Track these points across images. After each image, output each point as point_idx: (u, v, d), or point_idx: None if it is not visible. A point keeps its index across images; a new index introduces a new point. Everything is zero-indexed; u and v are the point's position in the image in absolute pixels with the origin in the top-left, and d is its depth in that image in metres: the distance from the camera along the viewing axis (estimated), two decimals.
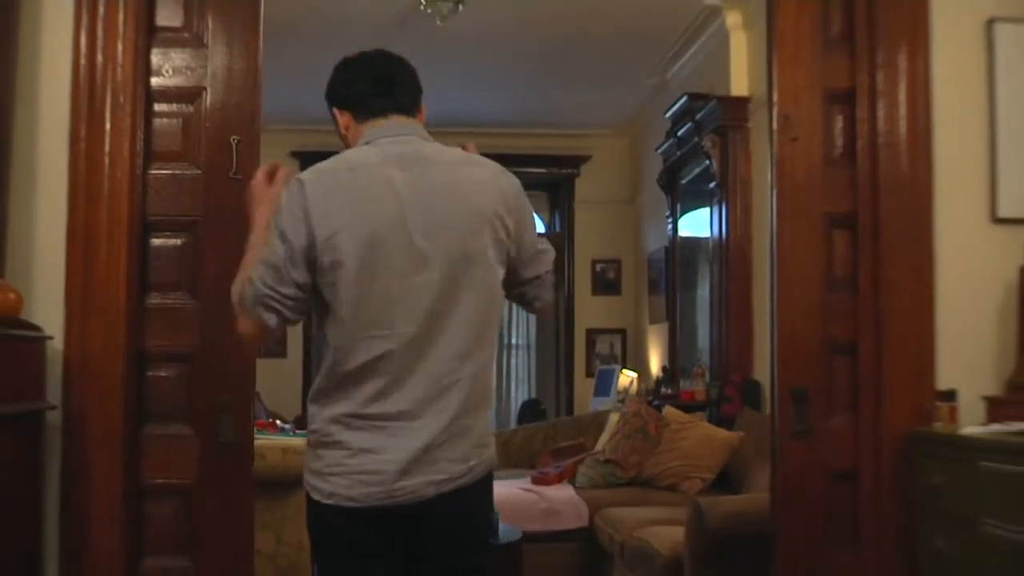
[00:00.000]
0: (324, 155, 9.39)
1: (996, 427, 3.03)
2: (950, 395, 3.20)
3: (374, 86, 2.56)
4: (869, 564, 3.29)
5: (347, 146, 2.60)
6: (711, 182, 6.94)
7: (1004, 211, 3.39)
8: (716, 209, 6.91)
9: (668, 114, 7.79)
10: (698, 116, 7.10)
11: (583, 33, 7.43)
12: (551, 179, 10.69)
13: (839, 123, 3.45)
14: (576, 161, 10.45)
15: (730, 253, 6.59)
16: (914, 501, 3.22)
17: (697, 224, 7.68)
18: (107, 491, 3.17)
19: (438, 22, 6.79)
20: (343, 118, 2.62)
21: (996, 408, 3.19)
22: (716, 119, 6.75)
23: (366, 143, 2.51)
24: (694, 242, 7.89)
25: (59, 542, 3.15)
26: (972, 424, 3.14)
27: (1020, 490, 2.71)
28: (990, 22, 3.41)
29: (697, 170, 7.44)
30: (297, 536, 4.25)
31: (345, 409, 2.37)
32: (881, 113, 3.37)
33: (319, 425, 2.40)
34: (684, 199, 8.14)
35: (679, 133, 7.65)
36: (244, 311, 2.38)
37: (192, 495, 3.26)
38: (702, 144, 7.03)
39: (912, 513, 3.23)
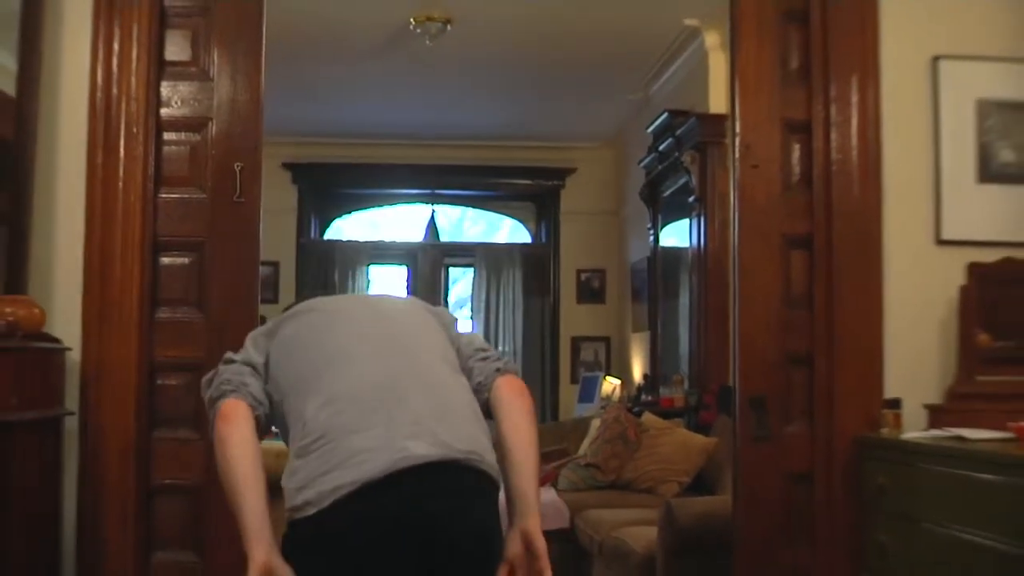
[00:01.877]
0: (316, 166, 9.74)
1: (935, 433, 3.27)
2: (895, 403, 3.43)
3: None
4: (822, 559, 3.52)
5: None
6: (691, 196, 7.11)
7: (947, 234, 3.61)
8: (695, 222, 7.09)
9: (650, 129, 8.00)
10: (678, 132, 7.30)
11: (569, 51, 7.62)
12: (537, 190, 10.89)
13: (796, 151, 3.66)
14: (562, 173, 10.65)
15: (708, 265, 6.77)
16: (862, 501, 3.45)
17: (680, 234, 7.83)
18: (120, 490, 3.37)
19: (427, 42, 7.04)
20: None
21: (936, 415, 3.42)
22: (695, 135, 6.94)
23: None
24: (675, 253, 8.03)
25: (76, 537, 3.34)
26: (915, 430, 3.36)
27: (953, 491, 2.95)
28: (935, 59, 3.65)
29: (677, 184, 7.61)
30: None
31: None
32: (835, 143, 3.59)
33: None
34: (665, 211, 8.30)
35: (660, 148, 7.86)
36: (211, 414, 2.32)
37: (199, 494, 3.45)
38: (682, 159, 7.22)
39: (860, 511, 3.45)
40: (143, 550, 3.42)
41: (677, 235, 7.97)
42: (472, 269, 10.84)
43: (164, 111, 3.53)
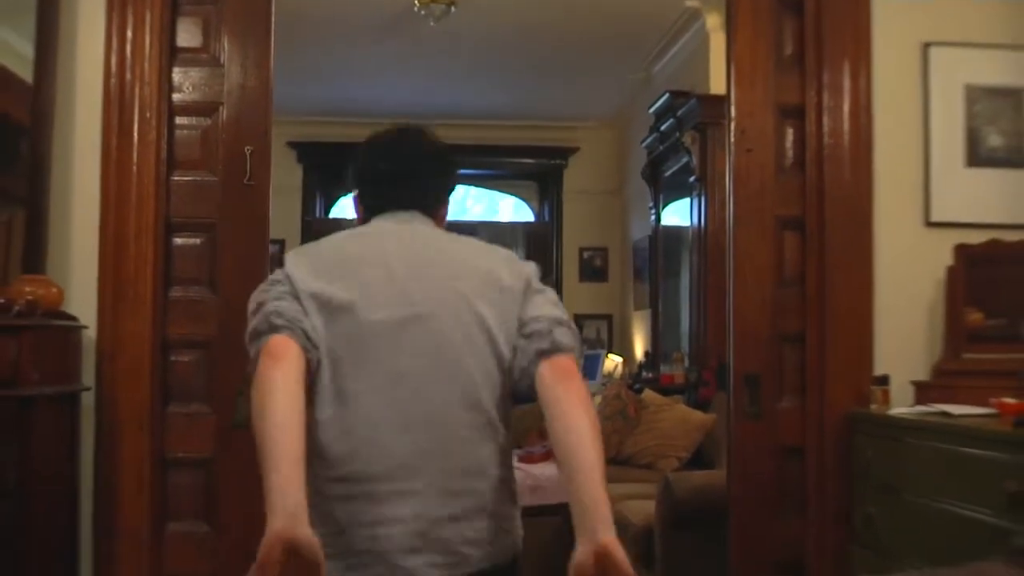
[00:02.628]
0: (321, 145, 9.78)
1: (921, 408, 3.37)
2: (884, 380, 3.53)
3: (391, 185, 2.30)
4: (812, 529, 3.64)
5: None
6: (691, 176, 7.17)
7: (936, 216, 3.72)
8: (695, 201, 7.15)
9: (651, 110, 8.03)
10: (679, 112, 7.35)
11: (571, 31, 7.67)
12: (540, 169, 10.94)
13: (790, 136, 3.77)
14: (565, 152, 10.70)
15: (708, 244, 6.83)
16: (852, 474, 3.56)
17: (681, 213, 7.88)
18: (135, 463, 3.47)
19: (431, 23, 7.11)
20: (359, 208, 2.37)
21: (923, 391, 3.53)
22: (696, 116, 6.99)
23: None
24: (676, 232, 8.08)
25: (93, 508, 3.45)
26: (902, 406, 3.47)
27: (935, 464, 3.07)
28: (926, 46, 3.74)
29: (678, 164, 7.67)
30: None
31: None
32: (827, 127, 3.69)
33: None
34: (666, 190, 8.35)
35: (662, 128, 7.91)
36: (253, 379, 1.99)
37: (210, 467, 3.57)
38: (682, 139, 7.28)
39: (850, 484, 3.57)
40: (158, 521, 3.53)
41: (678, 214, 8.03)
42: None
43: (176, 96, 3.62)
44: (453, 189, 2.40)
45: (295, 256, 2.18)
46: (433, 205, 2.32)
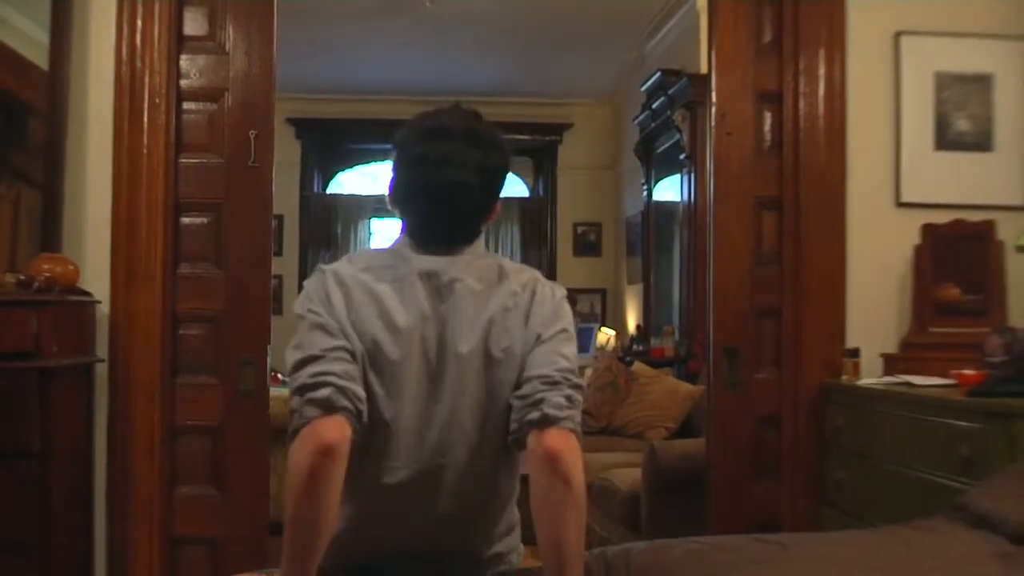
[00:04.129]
0: (318, 122, 9.86)
1: (888, 379, 3.57)
2: (855, 352, 3.72)
3: (429, 212, 2.12)
4: (787, 493, 3.85)
5: None
6: (682, 153, 7.29)
7: (906, 197, 3.90)
8: (686, 178, 7.29)
9: (644, 88, 8.14)
10: (671, 91, 7.47)
11: (566, 10, 7.79)
12: (535, 146, 11.02)
13: (768, 120, 3.93)
14: (559, 129, 10.80)
15: (698, 220, 6.91)
16: (824, 441, 3.77)
17: (672, 189, 7.98)
18: (146, 431, 3.64)
19: (427, 3, 7.25)
20: (393, 200, 2.19)
21: (891, 363, 3.73)
22: (687, 95, 7.09)
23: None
24: (668, 207, 8.20)
25: (107, 474, 3.63)
26: (871, 377, 3.66)
27: (899, 431, 3.27)
28: (897, 34, 3.91)
29: (670, 141, 7.78)
30: None
31: None
32: (803, 112, 3.86)
33: None
34: (658, 167, 8.49)
35: (654, 106, 8.01)
36: (295, 448, 1.88)
37: (217, 435, 3.75)
38: (673, 118, 7.41)
39: (822, 451, 3.77)
40: (168, 484, 3.72)
41: (670, 190, 8.14)
42: None
43: (183, 82, 3.77)
44: (502, 188, 2.21)
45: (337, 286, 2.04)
46: (477, 230, 2.16)
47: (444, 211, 2.10)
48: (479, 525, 2.09)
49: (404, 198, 2.14)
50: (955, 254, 3.79)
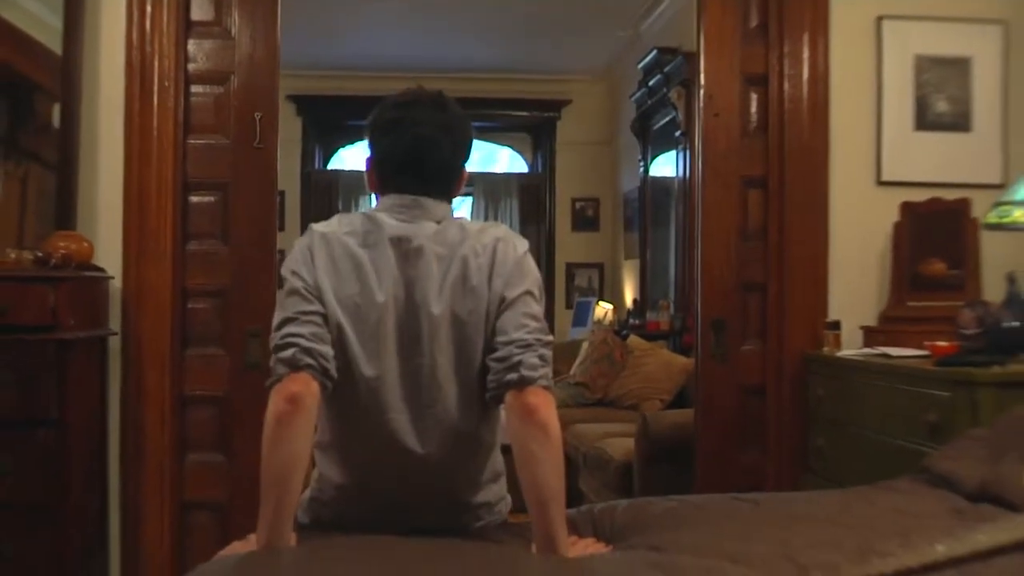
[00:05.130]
0: (319, 98, 9.91)
1: (866, 351, 3.72)
2: (836, 325, 3.87)
3: (402, 168, 2.28)
4: (771, 460, 4.01)
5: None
6: (677, 130, 7.42)
7: (886, 175, 4.05)
8: (681, 155, 7.41)
9: (640, 65, 8.25)
10: (666, 69, 7.58)
11: None
12: (534, 122, 11.12)
13: (754, 102, 4.07)
14: (557, 105, 10.85)
15: (692, 196, 7.10)
16: (805, 410, 3.92)
17: (669, 166, 8.10)
18: (157, 400, 3.79)
19: None
20: (371, 176, 2.37)
21: (870, 336, 3.87)
22: (682, 72, 7.19)
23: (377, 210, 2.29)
24: (664, 183, 8.33)
25: (120, 441, 3.78)
26: (852, 349, 3.81)
27: (875, 400, 3.43)
28: (879, 18, 4.05)
29: (666, 119, 7.92)
30: None
31: None
32: (788, 94, 4.00)
33: None
34: (655, 143, 8.60)
35: (650, 84, 8.14)
36: (272, 392, 2.06)
37: (224, 404, 3.90)
38: (669, 95, 7.53)
39: (804, 420, 3.93)
40: (178, 451, 3.87)
41: (665, 167, 8.27)
42: (471, 198, 11.17)
43: (191, 66, 3.90)
44: (468, 158, 2.37)
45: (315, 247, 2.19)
46: (447, 188, 2.31)
47: (415, 165, 2.26)
48: (464, 471, 2.25)
49: (379, 160, 2.32)
50: (933, 231, 3.94)
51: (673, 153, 7.77)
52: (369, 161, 2.35)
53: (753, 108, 4.09)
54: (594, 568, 1.97)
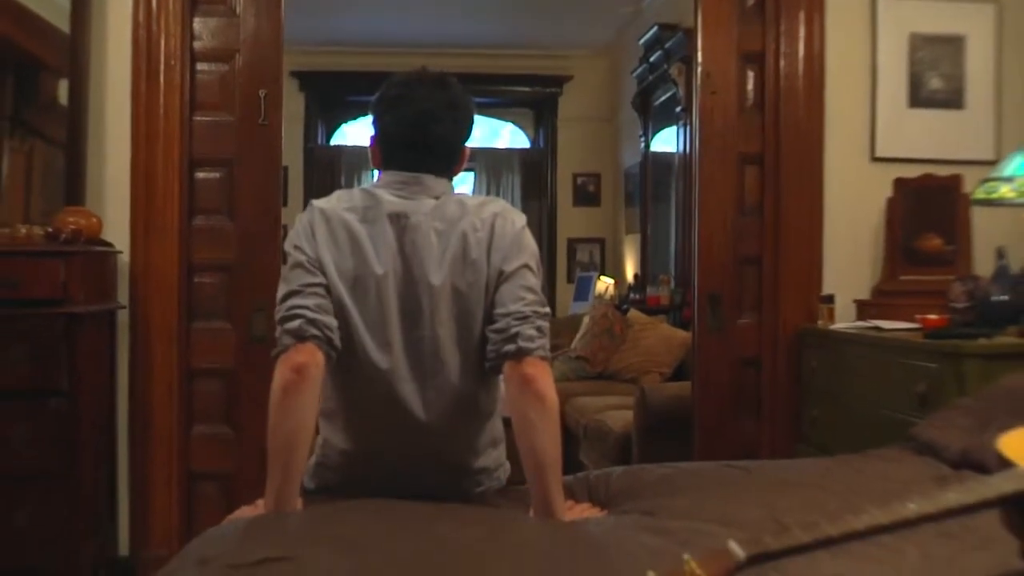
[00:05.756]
0: (322, 74, 9.92)
1: (859, 324, 3.80)
2: (830, 299, 3.95)
3: (404, 145, 2.34)
4: (766, 430, 4.10)
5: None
6: (678, 106, 7.41)
7: (880, 152, 4.12)
8: (682, 130, 7.38)
9: (641, 41, 8.25)
10: (667, 45, 7.58)
11: None
12: (536, 97, 11.11)
13: (751, 79, 4.14)
14: (560, 81, 10.84)
15: (691, 171, 7.16)
16: (800, 381, 4.01)
17: (669, 141, 8.09)
18: (164, 373, 3.87)
19: None
20: (374, 152, 2.43)
21: (863, 309, 3.96)
22: (683, 49, 7.15)
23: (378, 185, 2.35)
24: (665, 159, 8.33)
25: (129, 412, 3.86)
26: (845, 322, 3.89)
27: (867, 372, 3.51)
28: None
29: (667, 95, 7.93)
30: None
31: None
32: (784, 71, 4.07)
33: None
34: (656, 119, 8.62)
35: (651, 60, 8.15)
36: (277, 364, 2.12)
37: (230, 377, 3.97)
38: (670, 71, 7.56)
39: (798, 391, 4.02)
40: (185, 423, 3.95)
41: (667, 142, 8.27)
42: (473, 173, 11.19)
43: (196, 44, 3.96)
44: (469, 136, 2.43)
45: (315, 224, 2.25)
46: (448, 165, 2.38)
47: (417, 142, 2.32)
48: (464, 437, 2.32)
49: (382, 137, 2.38)
50: (925, 206, 4.01)
51: (674, 129, 7.78)
52: (373, 138, 2.41)
53: (750, 86, 4.16)
54: (588, 530, 2.05)
